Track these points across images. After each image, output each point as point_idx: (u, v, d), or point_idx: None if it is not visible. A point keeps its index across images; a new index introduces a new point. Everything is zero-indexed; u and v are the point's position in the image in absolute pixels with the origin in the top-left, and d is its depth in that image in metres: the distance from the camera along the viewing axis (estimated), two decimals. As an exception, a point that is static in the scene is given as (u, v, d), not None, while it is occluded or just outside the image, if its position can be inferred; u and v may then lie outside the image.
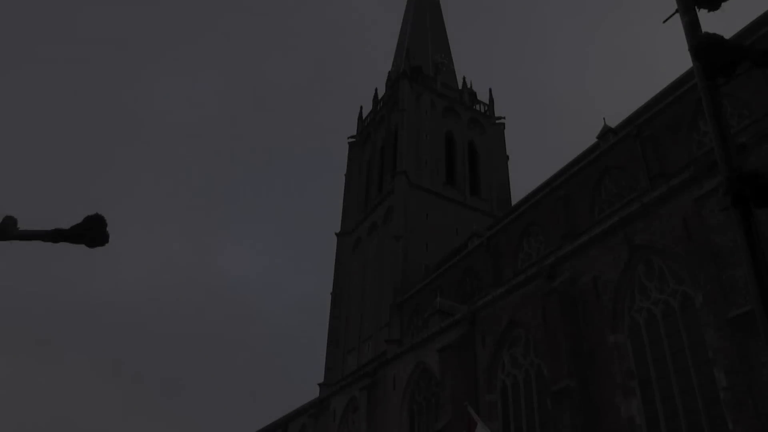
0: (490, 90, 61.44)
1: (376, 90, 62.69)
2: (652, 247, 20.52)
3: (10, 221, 3.63)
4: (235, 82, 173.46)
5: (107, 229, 4.04)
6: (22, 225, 3.67)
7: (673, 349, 19.44)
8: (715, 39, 3.81)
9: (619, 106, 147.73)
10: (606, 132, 32.35)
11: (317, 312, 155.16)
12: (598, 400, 20.67)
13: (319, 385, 46.37)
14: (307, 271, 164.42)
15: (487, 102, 60.52)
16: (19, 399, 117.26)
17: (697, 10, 4.50)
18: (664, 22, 4.93)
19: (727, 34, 4.12)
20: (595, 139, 33.81)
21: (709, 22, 4.53)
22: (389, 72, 63.23)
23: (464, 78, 62.53)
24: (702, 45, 3.89)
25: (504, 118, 59.70)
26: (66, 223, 3.89)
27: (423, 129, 54.35)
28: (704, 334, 18.37)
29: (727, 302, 16.89)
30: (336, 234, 56.08)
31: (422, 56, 61.40)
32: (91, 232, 3.94)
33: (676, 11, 4.71)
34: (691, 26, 4.52)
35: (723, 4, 4.25)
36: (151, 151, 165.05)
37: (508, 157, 57.65)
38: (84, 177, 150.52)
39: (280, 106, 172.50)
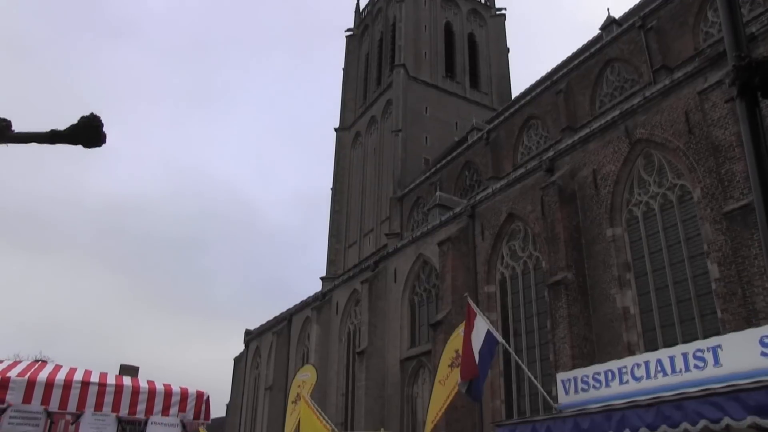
0: (491, -22, 59.37)
1: (373, -21, 60.59)
2: (653, 141, 20.43)
3: (5, 123, 3.57)
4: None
5: (103, 129, 3.98)
6: (16, 129, 3.61)
7: (669, 242, 19.74)
8: None
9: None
10: (609, 23, 31.51)
11: (318, 207, 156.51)
12: (595, 292, 21.18)
13: (322, 278, 47.36)
14: (307, 167, 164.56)
15: (488, -9, 58.61)
16: (24, 296, 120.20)
17: None
18: None
19: None
20: (598, 31, 33.00)
21: None
22: (387, -40, 60.87)
23: (464, -35, 60.26)
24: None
25: (504, 9, 57.95)
26: (59, 126, 3.83)
27: (422, 21, 52.91)
28: (700, 227, 18.62)
29: (724, 196, 16.99)
30: (335, 129, 55.75)
31: (421, -58, 58.93)
32: (88, 132, 3.88)
33: None
34: None
35: None
36: (140, 48, 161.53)
37: (508, 50, 56.45)
38: (73, 75, 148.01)
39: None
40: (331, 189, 53.92)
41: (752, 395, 5.84)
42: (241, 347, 52.44)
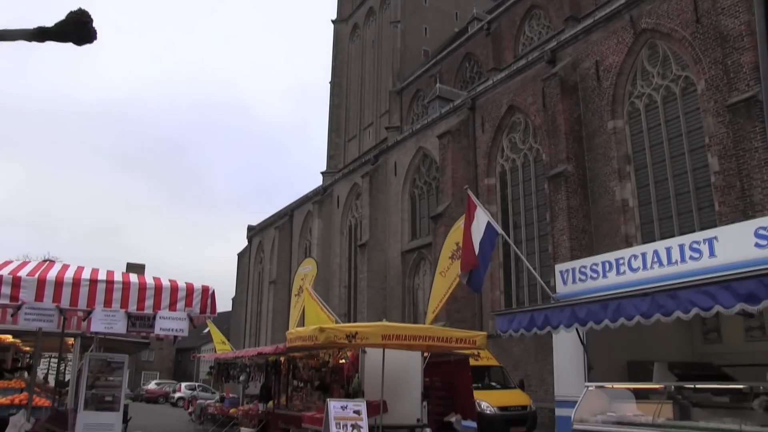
0: None
1: None
2: (658, 31, 19.92)
3: (-9, 21, 3.45)
4: None
5: (93, 24, 3.85)
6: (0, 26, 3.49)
7: (671, 134, 19.64)
8: None
9: None
10: None
11: (317, 101, 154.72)
12: (594, 184, 21.27)
13: (322, 173, 47.36)
14: (305, 61, 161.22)
15: None
16: (26, 197, 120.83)
17: None
18: None
19: None
20: None
21: None
22: None
23: None
24: None
25: None
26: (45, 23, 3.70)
27: None
28: (702, 120, 18.46)
29: (729, 88, 16.75)
30: (332, 21, 54.26)
31: None
32: (77, 28, 3.76)
33: None
34: None
35: None
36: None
37: (512, -67, 54.05)
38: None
39: None
40: (330, 83, 53.07)
41: (744, 284, 5.96)
42: (244, 243, 53.19)
